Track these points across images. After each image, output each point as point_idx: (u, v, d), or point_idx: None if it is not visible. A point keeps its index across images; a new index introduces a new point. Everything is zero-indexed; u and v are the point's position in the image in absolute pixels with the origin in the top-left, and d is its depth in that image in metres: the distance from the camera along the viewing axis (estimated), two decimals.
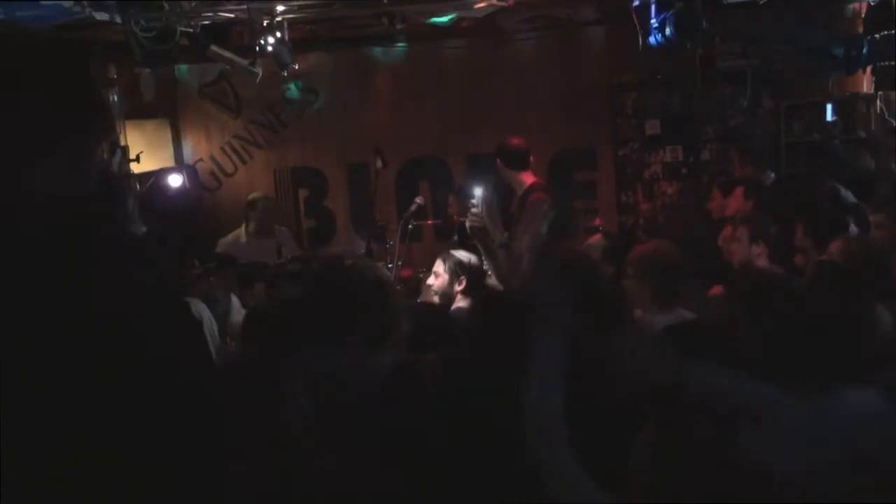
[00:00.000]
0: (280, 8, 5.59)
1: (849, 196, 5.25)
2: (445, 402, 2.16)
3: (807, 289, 2.69)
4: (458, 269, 4.13)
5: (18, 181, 1.31)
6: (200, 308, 4.01)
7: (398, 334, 2.65)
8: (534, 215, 4.73)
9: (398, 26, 6.04)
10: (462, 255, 4.23)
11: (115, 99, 6.79)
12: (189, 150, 8.30)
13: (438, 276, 4.19)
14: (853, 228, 4.37)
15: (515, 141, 5.12)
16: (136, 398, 1.28)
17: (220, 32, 5.82)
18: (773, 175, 6.26)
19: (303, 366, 2.43)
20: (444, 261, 4.21)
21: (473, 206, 3.87)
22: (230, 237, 6.79)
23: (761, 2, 5.54)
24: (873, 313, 2.69)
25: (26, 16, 4.50)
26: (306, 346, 2.51)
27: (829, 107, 6.45)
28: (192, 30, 5.50)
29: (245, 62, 6.28)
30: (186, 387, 1.33)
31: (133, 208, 2.03)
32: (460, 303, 4.07)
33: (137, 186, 6.89)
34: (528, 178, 5.01)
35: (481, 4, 5.80)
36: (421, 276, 5.49)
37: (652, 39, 5.29)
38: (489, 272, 4.26)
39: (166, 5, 5.12)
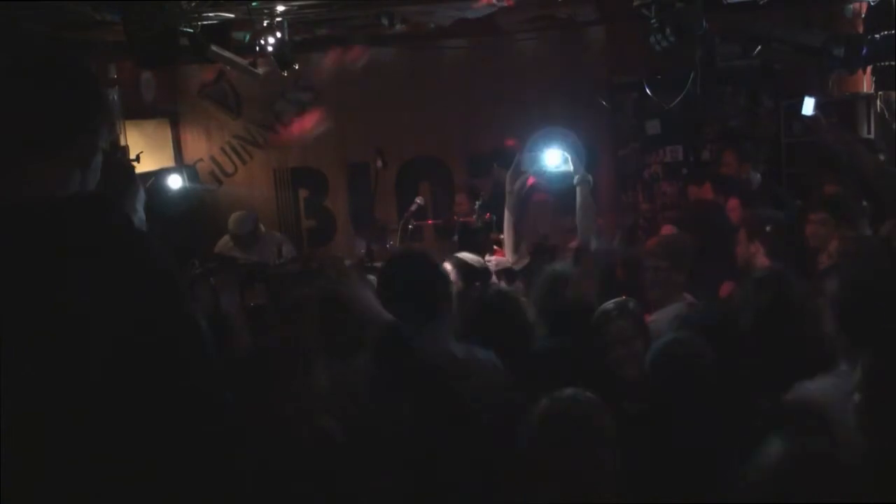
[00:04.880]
0: (280, 8, 5.59)
1: None
2: None
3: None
4: (469, 274, 4.05)
5: (22, 180, 1.32)
6: None
7: None
8: (537, 215, 4.76)
9: (398, 26, 6.04)
10: (469, 257, 4.17)
11: (115, 99, 6.79)
12: (189, 150, 8.30)
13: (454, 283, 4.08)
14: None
15: (510, 143, 5.13)
16: (136, 393, 1.28)
17: (220, 32, 5.82)
18: (759, 177, 6.25)
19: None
20: (455, 267, 4.13)
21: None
22: (223, 240, 6.81)
23: (761, 2, 5.53)
24: None
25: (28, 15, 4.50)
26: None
27: (807, 100, 5.54)
28: (192, 30, 5.49)
29: (245, 62, 6.28)
30: (187, 382, 1.33)
31: (141, 201, 2.05)
32: None
33: None
34: (528, 179, 5.01)
35: (481, 4, 5.80)
36: None
37: (652, 39, 5.28)
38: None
39: (166, 5, 5.12)
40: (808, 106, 5.32)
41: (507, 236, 4.35)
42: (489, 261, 4.84)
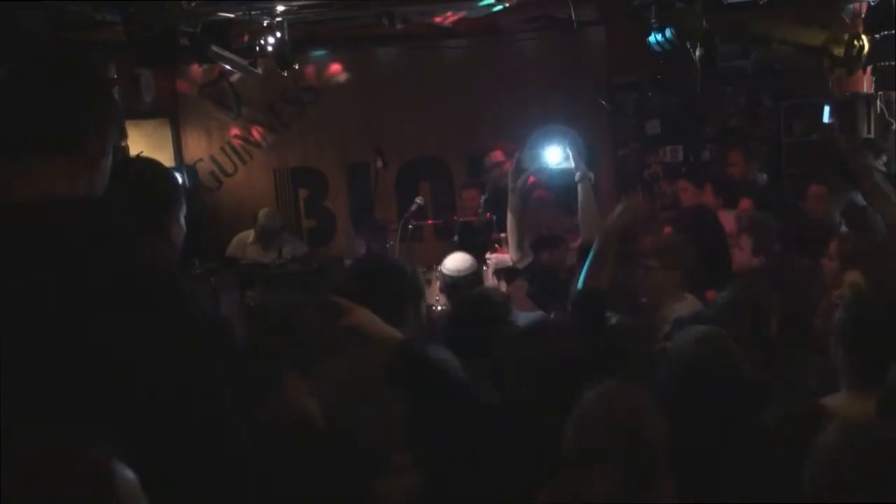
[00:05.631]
0: (280, 8, 5.59)
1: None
2: None
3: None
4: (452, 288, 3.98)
5: (30, 180, 1.32)
6: None
7: None
8: (538, 212, 4.79)
9: (398, 26, 6.05)
10: (453, 266, 4.11)
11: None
12: (189, 150, 8.30)
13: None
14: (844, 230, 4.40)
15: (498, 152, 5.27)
16: (137, 395, 1.28)
17: (220, 32, 5.82)
18: (765, 177, 6.28)
19: None
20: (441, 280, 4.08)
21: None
22: (240, 236, 6.86)
23: (761, 2, 5.54)
24: None
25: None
26: None
27: (826, 108, 6.31)
28: (192, 30, 5.50)
29: (245, 62, 6.28)
30: (187, 383, 1.33)
31: (183, 214, 2.11)
32: None
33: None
34: (529, 177, 5.02)
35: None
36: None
37: (652, 39, 5.30)
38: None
39: (166, 5, 5.12)
40: (828, 113, 5.56)
41: (510, 235, 4.36)
42: (489, 258, 4.86)
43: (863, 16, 6.44)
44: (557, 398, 2.24)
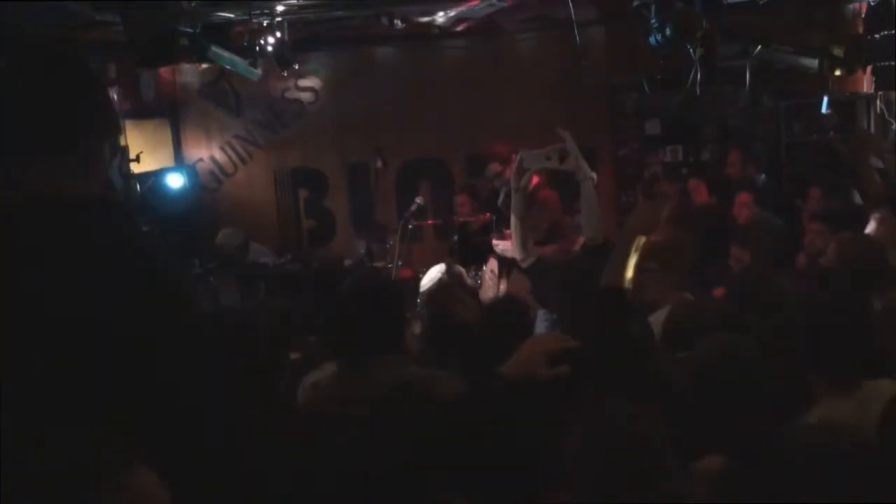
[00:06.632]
0: (280, 8, 5.59)
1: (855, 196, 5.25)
2: None
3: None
4: None
5: (27, 181, 1.32)
6: None
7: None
8: (542, 213, 4.80)
9: (398, 26, 6.05)
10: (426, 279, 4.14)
11: (115, 99, 6.79)
12: (189, 150, 8.30)
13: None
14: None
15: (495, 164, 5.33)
16: (140, 394, 1.28)
17: (220, 32, 5.82)
18: (764, 177, 6.28)
19: None
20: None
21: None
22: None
23: (761, 2, 5.53)
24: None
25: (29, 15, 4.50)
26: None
27: (825, 99, 6.39)
28: (192, 30, 5.50)
29: (245, 62, 6.28)
30: (191, 382, 1.33)
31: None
32: None
33: (138, 186, 6.90)
34: (532, 177, 5.03)
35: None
36: (420, 276, 5.49)
37: (652, 39, 5.30)
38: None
39: (166, 5, 5.12)
40: (825, 104, 5.63)
41: (513, 234, 4.37)
42: (496, 245, 4.94)
43: (863, 16, 6.44)
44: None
